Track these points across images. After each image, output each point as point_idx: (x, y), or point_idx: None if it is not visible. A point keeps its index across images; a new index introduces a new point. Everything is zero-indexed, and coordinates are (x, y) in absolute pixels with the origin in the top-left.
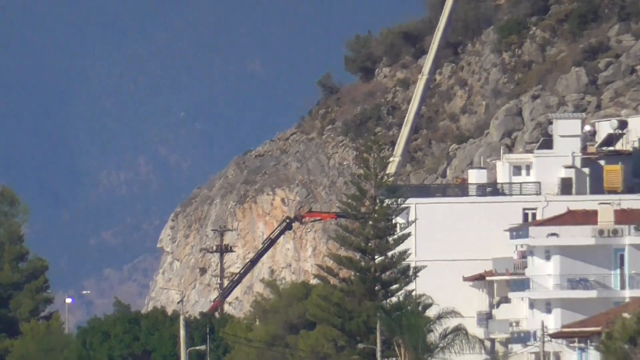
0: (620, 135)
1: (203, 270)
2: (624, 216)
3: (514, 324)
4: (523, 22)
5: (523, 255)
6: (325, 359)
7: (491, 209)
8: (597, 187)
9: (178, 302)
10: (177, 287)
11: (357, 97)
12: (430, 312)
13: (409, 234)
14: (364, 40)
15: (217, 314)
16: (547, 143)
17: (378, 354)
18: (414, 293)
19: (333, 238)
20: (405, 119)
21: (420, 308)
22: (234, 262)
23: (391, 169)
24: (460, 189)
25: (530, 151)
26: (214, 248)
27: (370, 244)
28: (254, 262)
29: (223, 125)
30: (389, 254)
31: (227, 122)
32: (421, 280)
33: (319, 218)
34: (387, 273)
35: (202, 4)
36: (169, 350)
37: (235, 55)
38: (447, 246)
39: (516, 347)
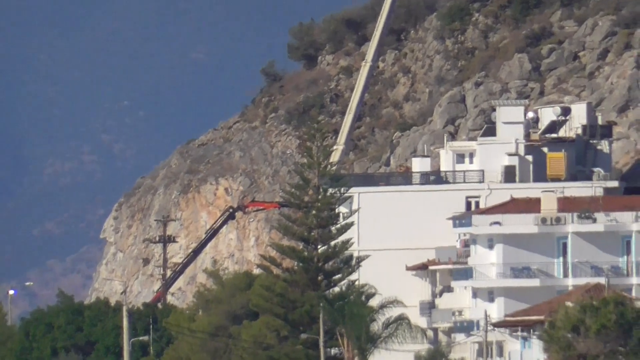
0: (564, 122)
1: (146, 261)
2: (567, 204)
3: (456, 314)
4: (466, 8)
5: (466, 244)
6: (268, 349)
7: (434, 198)
8: (541, 174)
9: (121, 293)
10: (120, 278)
11: (300, 85)
12: (374, 302)
13: (352, 223)
14: (307, 28)
15: (160, 305)
16: (490, 130)
17: (321, 344)
18: (356, 282)
19: (276, 227)
20: (349, 107)
21: (363, 298)
22: (177, 253)
23: (334, 157)
24: (404, 177)
25: (474, 139)
26: (157, 238)
27: (313, 234)
28: (196, 252)
29: (167, 113)
30: (332, 243)
31: (171, 111)
32: (364, 269)
33: (262, 207)
34: (330, 263)
35: None
36: (112, 341)
37: (178, 43)
38: (390, 235)
39: (459, 337)
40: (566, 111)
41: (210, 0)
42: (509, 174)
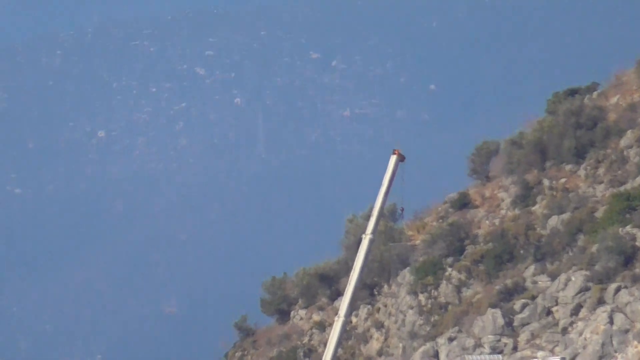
0: None
1: None
2: None
3: None
4: (439, 263)
5: None
6: None
7: None
8: None
9: None
10: None
11: (273, 339)
12: None
13: None
14: (280, 282)
15: None
16: None
17: None
18: None
19: None
20: None
21: None
22: None
23: None
24: None
25: None
26: None
27: None
28: None
29: None
30: None
31: None
32: None
33: None
34: None
35: (118, 242)
36: None
37: (150, 295)
38: None
39: None
40: None
41: (181, 254)
42: None
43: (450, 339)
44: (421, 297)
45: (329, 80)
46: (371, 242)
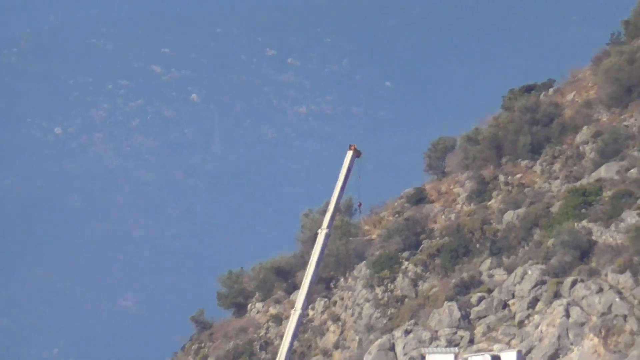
0: None
1: None
2: None
3: None
4: (395, 257)
5: None
6: None
7: None
8: None
9: None
10: None
11: (230, 332)
12: None
13: None
14: (237, 276)
15: None
16: None
17: None
18: None
19: None
20: (278, 355)
21: None
22: None
23: None
24: None
25: None
26: None
27: None
28: None
29: None
30: None
31: (102, 359)
32: None
33: None
34: None
35: (74, 238)
36: None
37: (107, 290)
38: None
39: None
40: (496, 359)
41: (139, 251)
42: None
43: (407, 332)
44: (377, 290)
45: (285, 77)
46: (327, 236)
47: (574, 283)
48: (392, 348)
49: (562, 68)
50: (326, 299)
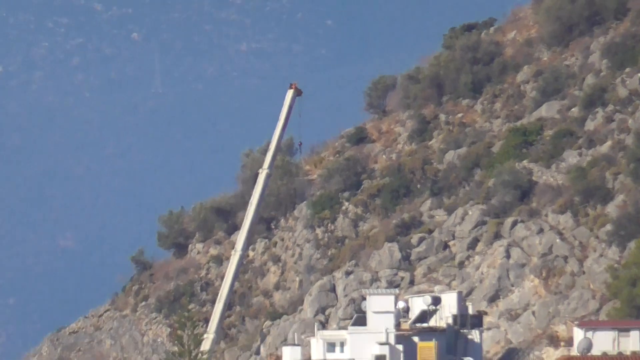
0: (434, 312)
1: None
2: None
3: None
4: (335, 197)
5: None
6: None
7: None
8: None
9: None
10: None
11: (170, 273)
12: None
13: None
14: (177, 216)
15: None
16: (360, 319)
17: None
18: None
19: None
20: (219, 296)
21: None
22: None
23: (205, 346)
24: None
25: (345, 327)
26: None
27: None
28: None
29: (37, 300)
30: None
31: (41, 298)
32: None
33: None
34: None
35: (14, 177)
36: None
37: (47, 230)
38: None
39: None
40: (436, 300)
41: (78, 189)
42: None
43: (347, 273)
44: (318, 231)
45: (225, 15)
46: (268, 176)
47: (514, 224)
48: (333, 289)
49: (503, 6)
50: (267, 240)
